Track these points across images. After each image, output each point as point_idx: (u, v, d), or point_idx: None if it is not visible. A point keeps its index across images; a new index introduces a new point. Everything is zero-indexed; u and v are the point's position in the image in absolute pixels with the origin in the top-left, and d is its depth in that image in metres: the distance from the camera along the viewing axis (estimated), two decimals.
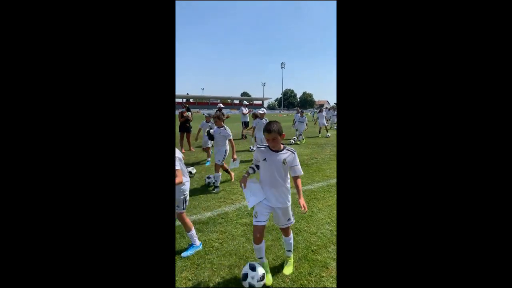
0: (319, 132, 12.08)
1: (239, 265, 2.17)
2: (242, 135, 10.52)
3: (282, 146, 1.93)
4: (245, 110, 10.38)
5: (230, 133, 4.19)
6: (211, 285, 1.94)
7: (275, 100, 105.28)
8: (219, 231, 2.77)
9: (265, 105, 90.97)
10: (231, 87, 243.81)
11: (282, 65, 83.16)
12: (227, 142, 4.26)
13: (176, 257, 2.27)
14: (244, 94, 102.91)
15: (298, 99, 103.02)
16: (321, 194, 3.84)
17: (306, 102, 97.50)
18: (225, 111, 9.45)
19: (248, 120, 10.60)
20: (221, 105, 9.25)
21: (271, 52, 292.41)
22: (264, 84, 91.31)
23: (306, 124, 10.60)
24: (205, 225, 2.90)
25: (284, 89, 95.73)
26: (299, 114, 10.39)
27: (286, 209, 1.97)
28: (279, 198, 1.94)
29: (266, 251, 2.33)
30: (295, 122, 10.48)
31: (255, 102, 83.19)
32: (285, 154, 1.90)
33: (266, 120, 5.82)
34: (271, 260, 2.24)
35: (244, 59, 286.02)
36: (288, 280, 1.98)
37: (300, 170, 1.94)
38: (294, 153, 1.94)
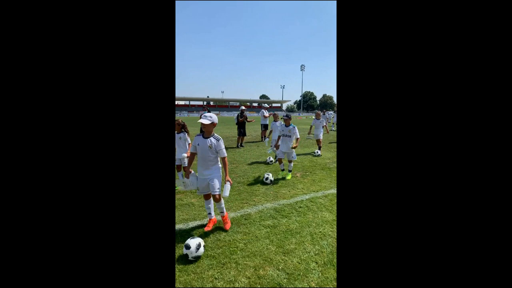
0: (320, 148, 7.81)
1: (264, 266, 2.18)
2: (262, 137, 10.59)
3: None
4: (266, 113, 10.50)
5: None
6: (237, 284, 1.98)
7: (294, 103, 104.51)
8: (242, 232, 2.80)
9: (284, 107, 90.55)
10: (250, 89, 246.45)
11: (302, 67, 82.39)
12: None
13: (202, 256, 2.34)
14: (263, 96, 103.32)
15: (318, 102, 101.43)
16: None
17: (327, 104, 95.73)
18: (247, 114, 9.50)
19: (268, 123, 10.68)
20: (243, 107, 9.32)
21: (291, 54, 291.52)
22: (283, 87, 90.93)
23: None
24: None
25: (303, 92, 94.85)
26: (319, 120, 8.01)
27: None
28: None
29: (289, 254, 2.36)
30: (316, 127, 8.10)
31: (274, 104, 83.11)
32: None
33: (214, 139, 3.09)
34: (296, 263, 2.24)
35: (263, 62, 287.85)
36: (313, 284, 1.97)
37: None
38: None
